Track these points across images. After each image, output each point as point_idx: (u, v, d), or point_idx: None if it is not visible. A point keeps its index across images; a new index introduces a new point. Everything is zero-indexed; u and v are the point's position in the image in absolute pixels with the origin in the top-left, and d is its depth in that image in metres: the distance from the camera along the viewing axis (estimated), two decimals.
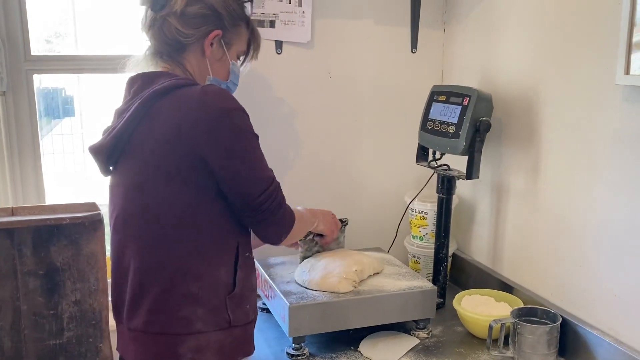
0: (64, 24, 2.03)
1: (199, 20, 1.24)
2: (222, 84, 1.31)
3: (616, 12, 1.26)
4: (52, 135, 2.74)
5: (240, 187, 1.17)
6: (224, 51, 1.29)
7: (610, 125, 1.33)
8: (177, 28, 1.23)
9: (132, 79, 1.25)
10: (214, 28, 1.26)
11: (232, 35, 1.30)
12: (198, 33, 1.24)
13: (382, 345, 1.50)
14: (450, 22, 1.96)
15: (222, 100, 1.15)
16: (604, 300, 1.37)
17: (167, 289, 1.19)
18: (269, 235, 1.25)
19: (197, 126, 1.13)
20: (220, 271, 1.21)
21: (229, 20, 1.27)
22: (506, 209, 1.72)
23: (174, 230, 1.18)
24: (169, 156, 1.15)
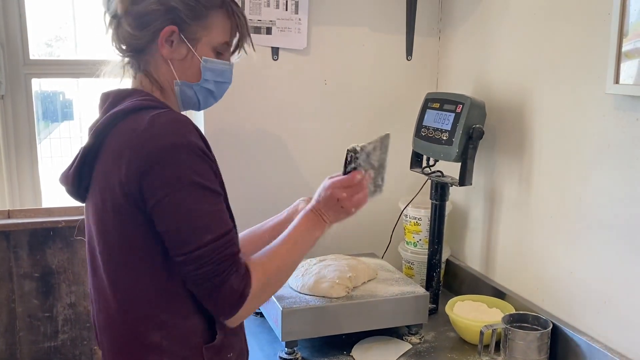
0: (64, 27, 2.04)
1: (147, 18, 1.07)
2: (194, 87, 1.14)
3: (606, 22, 1.28)
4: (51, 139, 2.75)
5: (166, 240, 1.01)
6: (188, 48, 1.10)
7: (600, 133, 1.34)
8: (127, 30, 1.09)
9: (104, 95, 1.12)
10: (167, 24, 1.07)
11: (196, 28, 1.10)
12: (149, 33, 1.08)
13: (374, 350, 1.50)
14: (445, 30, 1.98)
15: (166, 135, 0.99)
16: (595, 307, 1.38)
17: (129, 336, 1.07)
18: (208, 308, 1.05)
19: (131, 166, 0.99)
20: (194, 321, 1.07)
21: (187, 13, 1.08)
22: (499, 216, 1.73)
23: (128, 275, 1.06)
24: (114, 194, 1.02)
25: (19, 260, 1.60)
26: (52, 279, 1.63)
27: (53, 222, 1.60)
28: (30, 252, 1.61)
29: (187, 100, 1.16)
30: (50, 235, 1.60)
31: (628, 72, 1.22)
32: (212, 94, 1.18)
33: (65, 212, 1.66)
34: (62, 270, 1.62)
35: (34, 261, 1.61)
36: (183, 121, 1.02)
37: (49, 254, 1.61)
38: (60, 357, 1.67)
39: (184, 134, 1.00)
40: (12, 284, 1.60)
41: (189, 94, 1.15)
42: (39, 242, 1.61)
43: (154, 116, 1.01)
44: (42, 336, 1.64)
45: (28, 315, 1.63)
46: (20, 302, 1.62)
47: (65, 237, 1.62)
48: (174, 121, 1.01)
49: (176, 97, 1.15)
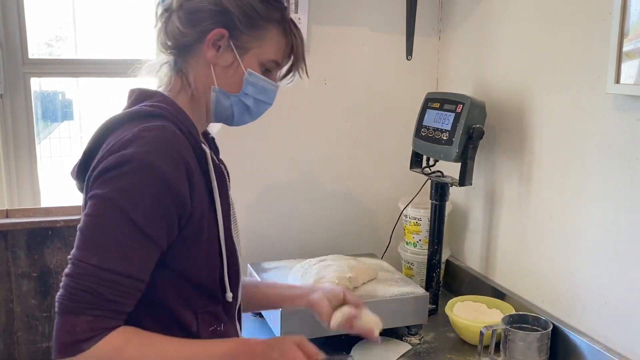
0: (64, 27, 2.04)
1: (199, 15, 1.02)
2: (231, 97, 1.07)
3: (607, 22, 1.28)
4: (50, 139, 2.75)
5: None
6: (234, 56, 1.04)
7: (601, 133, 1.34)
8: (177, 26, 1.03)
9: (130, 91, 1.07)
10: (217, 26, 1.02)
11: (248, 37, 1.04)
12: (197, 31, 1.02)
13: (374, 350, 1.50)
14: (445, 30, 1.97)
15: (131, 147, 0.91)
16: (595, 307, 1.38)
17: None
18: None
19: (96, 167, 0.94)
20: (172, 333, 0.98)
21: (241, 19, 1.02)
22: (499, 216, 1.72)
23: None
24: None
25: (17, 259, 1.59)
26: (51, 279, 1.63)
27: (51, 221, 1.59)
28: (29, 252, 1.61)
29: (221, 111, 1.09)
30: (49, 234, 1.60)
31: (629, 72, 1.22)
32: (248, 111, 1.10)
33: (63, 212, 1.65)
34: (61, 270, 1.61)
35: (32, 261, 1.61)
36: (166, 141, 0.93)
37: (47, 254, 1.61)
38: None
39: (153, 154, 0.91)
40: (10, 283, 1.59)
41: (225, 104, 1.07)
42: (37, 241, 1.60)
43: (144, 128, 0.94)
44: (41, 336, 1.64)
45: (26, 315, 1.63)
46: (18, 302, 1.61)
47: (64, 237, 1.62)
48: (154, 138, 0.93)
49: (208, 105, 1.08)
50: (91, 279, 0.88)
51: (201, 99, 1.07)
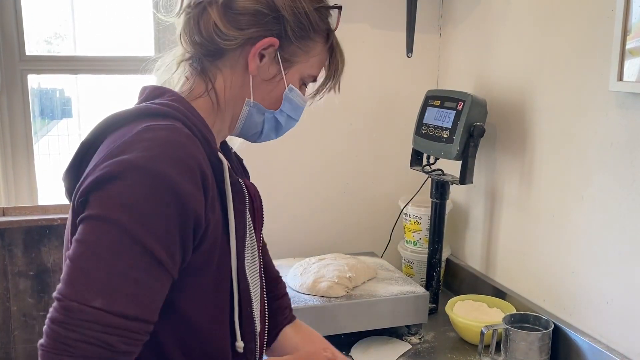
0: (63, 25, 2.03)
1: (248, 18, 0.87)
2: (267, 114, 0.94)
3: (610, 19, 1.26)
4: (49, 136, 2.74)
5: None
6: (279, 69, 0.91)
7: (603, 132, 1.33)
8: (215, 23, 0.86)
9: (142, 88, 0.93)
10: (267, 34, 0.88)
11: (296, 50, 0.91)
12: (242, 36, 0.87)
13: (373, 350, 1.49)
14: (446, 27, 1.96)
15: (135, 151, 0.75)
16: (597, 307, 1.37)
17: None
18: None
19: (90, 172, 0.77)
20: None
21: (294, 29, 0.89)
22: (500, 215, 1.71)
23: None
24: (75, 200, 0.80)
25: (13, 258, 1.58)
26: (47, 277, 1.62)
27: (48, 219, 1.58)
28: (25, 250, 1.60)
29: (249, 127, 0.95)
30: (46, 233, 1.59)
31: (632, 69, 1.20)
32: (276, 129, 0.98)
33: (61, 210, 1.64)
34: (58, 269, 1.60)
35: (29, 259, 1.60)
36: (178, 146, 0.77)
37: (44, 252, 1.59)
38: None
39: (159, 159, 0.74)
40: (6, 282, 1.58)
41: (256, 119, 0.94)
42: (34, 240, 1.59)
43: (147, 127, 0.78)
44: (37, 335, 1.62)
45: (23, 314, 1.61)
46: (15, 300, 1.60)
47: (61, 235, 1.60)
48: (163, 141, 0.76)
49: (235, 117, 0.94)
50: (97, 327, 0.69)
51: (227, 109, 0.93)
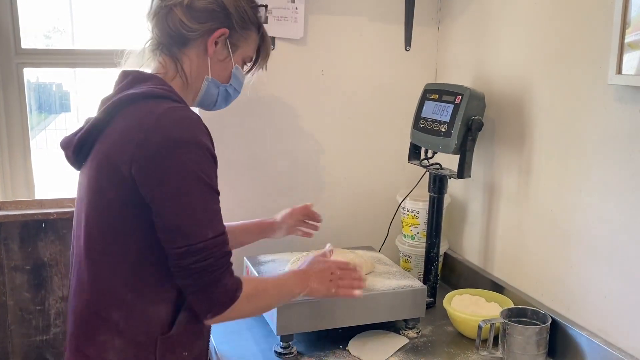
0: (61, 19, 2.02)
1: (205, 15, 1.16)
2: (220, 87, 1.23)
3: (609, 12, 1.25)
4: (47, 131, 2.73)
5: (161, 230, 1.04)
6: (228, 52, 1.20)
7: (602, 125, 1.32)
8: (181, 20, 1.14)
9: (124, 72, 1.16)
10: (221, 26, 1.17)
11: (239, 37, 1.21)
12: (202, 29, 1.16)
13: (371, 344, 1.49)
14: (444, 20, 1.95)
15: (179, 129, 1.03)
16: (594, 301, 1.37)
17: (91, 309, 1.10)
18: (193, 304, 1.08)
19: (141, 149, 1.02)
20: (157, 307, 1.10)
21: (238, 22, 1.19)
22: (498, 209, 1.71)
23: (106, 249, 1.08)
24: (112, 171, 1.05)
25: (10, 252, 1.58)
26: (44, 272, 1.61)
27: (45, 213, 1.57)
28: (22, 245, 1.59)
29: (207, 98, 1.24)
30: (42, 227, 1.58)
31: (630, 63, 1.19)
32: (226, 99, 1.28)
33: (57, 204, 1.64)
34: (54, 263, 1.60)
35: (25, 253, 1.59)
36: (196, 120, 1.07)
37: (41, 246, 1.59)
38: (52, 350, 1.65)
39: (195, 133, 1.04)
40: (3, 276, 1.57)
41: (213, 91, 1.23)
42: (31, 234, 1.59)
43: (170, 108, 1.05)
44: (34, 330, 1.62)
45: (19, 308, 1.61)
46: (11, 295, 1.60)
47: (58, 229, 1.60)
48: (188, 118, 1.05)
49: (198, 92, 1.22)
50: (217, 247, 1.05)
51: (192, 86, 1.20)
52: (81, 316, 1.12)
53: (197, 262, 1.03)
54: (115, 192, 1.05)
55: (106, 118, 1.09)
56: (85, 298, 1.11)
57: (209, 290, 1.05)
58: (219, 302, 1.07)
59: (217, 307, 1.07)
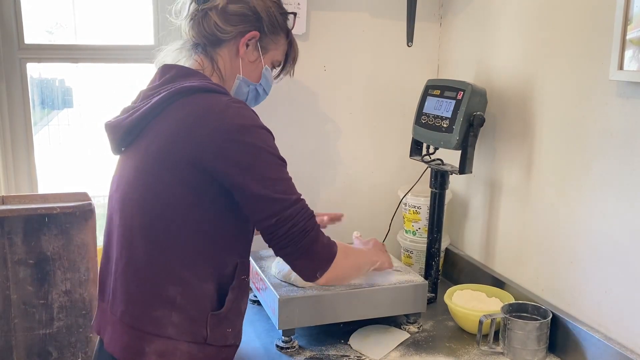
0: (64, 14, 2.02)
1: (238, 18, 1.25)
2: (250, 85, 1.32)
3: (610, 7, 1.25)
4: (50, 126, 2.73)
5: (250, 206, 1.13)
6: (258, 54, 1.30)
7: (603, 121, 1.32)
8: (216, 23, 1.24)
9: (167, 66, 1.24)
10: (252, 29, 1.26)
11: (269, 41, 1.30)
12: (235, 31, 1.25)
13: (372, 339, 1.49)
14: (446, 16, 1.95)
15: (243, 117, 1.13)
16: (595, 297, 1.37)
17: (146, 286, 1.16)
18: (299, 270, 1.19)
19: (210, 137, 1.11)
20: (209, 285, 1.18)
21: (268, 26, 1.28)
22: (499, 205, 1.71)
23: (163, 229, 1.15)
24: (175, 155, 1.12)
25: (13, 246, 1.58)
26: (47, 266, 1.62)
27: (48, 208, 1.58)
28: (25, 239, 1.60)
29: (238, 96, 1.31)
30: (45, 221, 1.58)
31: (632, 59, 1.19)
32: (256, 98, 1.36)
33: (60, 199, 1.64)
34: (57, 257, 1.61)
35: (28, 248, 1.60)
36: (252, 110, 1.17)
37: (44, 241, 1.59)
38: (55, 344, 1.66)
39: (255, 119, 1.15)
40: (6, 270, 1.58)
41: (244, 90, 1.31)
42: (34, 228, 1.59)
43: (230, 100, 1.15)
44: (37, 323, 1.63)
45: (23, 302, 1.62)
46: (14, 289, 1.61)
47: (61, 224, 1.60)
48: (246, 108, 1.16)
49: (230, 89, 1.29)
50: (304, 208, 1.16)
51: (227, 83, 1.29)
52: (137, 294, 1.17)
53: (292, 228, 1.12)
54: (174, 176, 1.12)
55: (160, 107, 1.16)
56: (140, 276, 1.16)
57: (311, 251, 1.15)
58: (323, 259, 1.18)
59: (323, 264, 1.18)
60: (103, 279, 1.28)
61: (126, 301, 1.18)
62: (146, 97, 1.21)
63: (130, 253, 1.17)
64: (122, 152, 1.26)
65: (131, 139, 1.21)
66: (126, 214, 1.19)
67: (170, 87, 1.17)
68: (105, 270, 1.27)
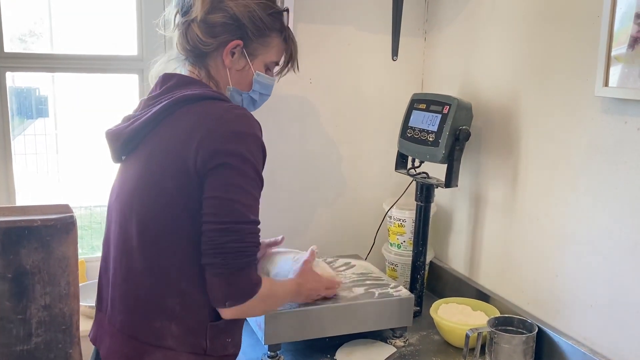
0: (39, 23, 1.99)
1: (218, 29, 1.20)
2: (243, 94, 1.28)
3: (596, 25, 1.28)
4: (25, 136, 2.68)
5: (210, 204, 1.09)
6: (246, 61, 1.24)
7: (588, 136, 1.34)
8: (197, 35, 1.20)
9: (168, 75, 1.23)
10: (234, 38, 1.21)
11: (257, 46, 1.24)
12: (217, 42, 1.20)
13: (358, 353, 1.48)
14: (431, 31, 1.97)
15: (240, 124, 1.12)
16: (580, 310, 1.38)
17: (146, 296, 1.15)
18: (211, 288, 1.11)
19: (204, 143, 1.09)
20: (207, 294, 1.15)
21: (253, 31, 1.21)
22: (484, 218, 1.72)
23: (162, 238, 1.13)
24: (174, 165, 1.11)
25: None
26: (26, 280, 1.57)
27: (28, 220, 1.53)
28: (3, 252, 1.54)
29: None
30: (25, 234, 1.54)
31: (617, 75, 1.22)
32: (254, 103, 1.32)
33: (41, 211, 1.60)
34: (37, 271, 1.56)
35: (6, 261, 1.55)
36: (252, 117, 1.15)
37: (23, 254, 1.54)
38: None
39: (254, 128, 1.13)
40: None
41: (237, 99, 1.27)
42: (13, 241, 1.54)
43: (231, 106, 1.14)
44: (15, 339, 1.58)
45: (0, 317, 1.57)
46: None
47: (41, 237, 1.56)
48: (245, 115, 1.14)
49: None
50: (255, 233, 1.11)
51: (223, 89, 1.27)
52: (135, 305, 1.16)
53: (233, 242, 1.08)
54: (174, 183, 1.11)
55: (161, 115, 1.15)
56: (139, 286, 1.15)
57: (235, 275, 1.09)
58: (240, 291, 1.11)
59: (236, 296, 1.10)
60: (101, 289, 1.26)
61: (125, 312, 1.17)
62: (147, 106, 1.20)
63: (129, 265, 1.16)
64: (123, 160, 1.24)
65: (132, 148, 1.20)
66: (125, 223, 1.17)
67: (171, 95, 1.17)
68: (103, 280, 1.25)
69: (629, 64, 1.19)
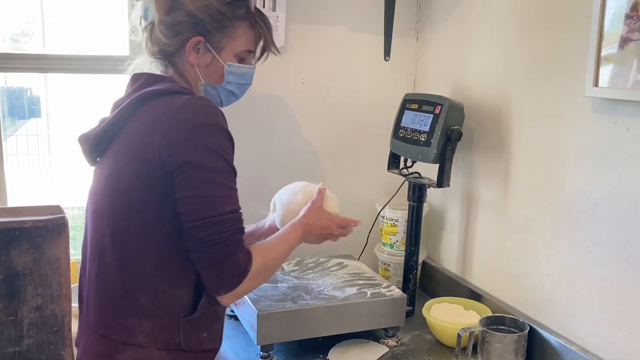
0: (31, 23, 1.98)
1: (177, 28, 1.20)
2: (218, 87, 1.27)
3: (586, 25, 1.28)
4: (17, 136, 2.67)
5: (185, 203, 1.09)
6: (212, 55, 1.23)
7: (579, 136, 1.35)
8: (159, 37, 1.21)
9: (137, 75, 1.24)
10: (194, 34, 1.20)
11: (221, 38, 1.22)
12: (178, 41, 1.21)
13: (351, 353, 1.49)
14: (423, 31, 1.97)
15: (201, 115, 1.10)
16: (571, 309, 1.39)
17: (117, 293, 1.15)
18: (205, 280, 1.12)
19: (166, 136, 1.09)
20: (182, 291, 1.16)
21: (212, 25, 1.20)
22: (476, 218, 1.73)
23: (133, 234, 1.13)
24: (138, 160, 1.12)
25: None
26: (17, 281, 1.56)
27: (19, 222, 1.53)
28: None
29: (210, 99, 1.26)
30: (16, 235, 1.53)
31: (607, 75, 1.22)
32: (233, 94, 1.31)
33: (32, 212, 1.59)
34: (28, 272, 1.55)
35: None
36: (214, 107, 1.14)
37: (15, 255, 1.54)
38: None
39: (217, 118, 1.12)
40: None
41: (212, 93, 1.28)
42: (4, 242, 1.54)
43: (190, 98, 1.12)
44: (6, 341, 1.57)
45: None
46: None
47: (33, 238, 1.55)
48: (207, 106, 1.13)
49: (200, 94, 1.26)
50: (233, 222, 1.10)
51: (195, 89, 1.26)
52: (107, 302, 1.16)
53: (212, 235, 1.08)
54: (140, 181, 1.11)
55: (127, 114, 1.15)
56: (111, 284, 1.15)
57: (221, 265, 1.10)
58: (230, 278, 1.11)
59: (228, 283, 1.11)
60: (81, 290, 1.26)
61: (98, 310, 1.17)
62: (117, 107, 1.20)
63: (101, 261, 1.17)
64: (97, 162, 1.25)
65: (102, 149, 1.20)
66: (98, 222, 1.18)
67: (137, 93, 1.17)
68: (82, 282, 1.26)
69: (619, 64, 1.20)
